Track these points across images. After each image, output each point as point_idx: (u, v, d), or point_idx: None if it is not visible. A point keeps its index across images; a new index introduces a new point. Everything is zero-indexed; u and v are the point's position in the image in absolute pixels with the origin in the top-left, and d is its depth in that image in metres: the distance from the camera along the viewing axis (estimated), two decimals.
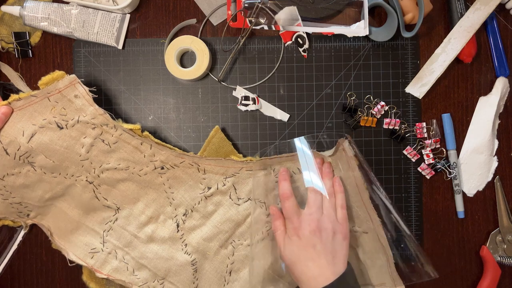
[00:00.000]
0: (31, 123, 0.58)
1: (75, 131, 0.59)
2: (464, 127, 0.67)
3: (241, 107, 0.65)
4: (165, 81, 0.66)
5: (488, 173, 0.67)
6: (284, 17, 0.63)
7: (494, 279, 0.65)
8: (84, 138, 0.60)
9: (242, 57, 0.66)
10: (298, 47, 0.66)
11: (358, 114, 0.66)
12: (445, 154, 0.67)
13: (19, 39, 0.65)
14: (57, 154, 0.59)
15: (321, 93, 0.66)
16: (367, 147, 0.66)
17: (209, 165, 0.62)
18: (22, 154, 0.58)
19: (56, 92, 0.58)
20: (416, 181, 0.67)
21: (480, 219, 0.67)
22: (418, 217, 0.67)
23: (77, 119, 0.59)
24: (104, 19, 0.64)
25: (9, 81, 0.65)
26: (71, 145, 0.59)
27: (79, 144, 0.60)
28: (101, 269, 0.62)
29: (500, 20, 0.67)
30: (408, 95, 0.66)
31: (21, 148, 0.58)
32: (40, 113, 0.58)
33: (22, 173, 0.59)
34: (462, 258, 0.67)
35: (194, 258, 0.62)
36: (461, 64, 0.67)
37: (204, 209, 0.63)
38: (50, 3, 0.63)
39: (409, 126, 0.66)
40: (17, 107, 0.57)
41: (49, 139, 0.58)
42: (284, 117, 0.66)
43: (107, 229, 0.62)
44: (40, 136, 0.58)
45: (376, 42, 0.66)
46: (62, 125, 0.58)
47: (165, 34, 0.66)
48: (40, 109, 0.58)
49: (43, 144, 0.58)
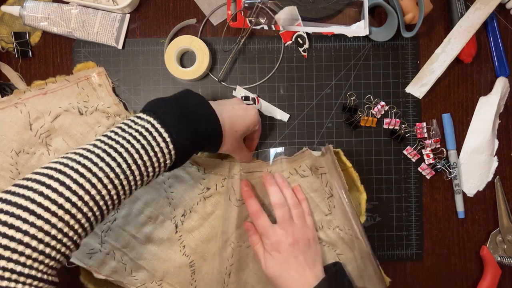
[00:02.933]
0: (58, 105, 0.61)
1: (92, 119, 0.62)
2: (464, 127, 0.67)
3: None
4: (165, 81, 0.66)
5: (488, 173, 0.67)
6: (284, 17, 0.63)
7: (494, 279, 0.65)
8: (98, 126, 0.62)
9: (242, 57, 0.66)
10: (298, 47, 0.66)
11: (358, 114, 0.66)
12: (445, 154, 0.67)
13: (19, 39, 0.65)
14: (73, 139, 0.61)
15: (321, 93, 0.66)
16: (367, 147, 0.66)
17: (208, 165, 0.62)
18: (43, 132, 0.60)
19: (84, 78, 0.63)
20: (416, 181, 0.67)
21: (480, 219, 0.67)
22: (418, 217, 0.67)
23: (95, 107, 0.62)
24: (104, 19, 0.64)
25: (9, 81, 0.65)
26: (86, 132, 0.62)
27: (93, 132, 0.62)
28: (100, 270, 0.62)
29: (500, 20, 0.67)
30: (408, 95, 0.66)
31: (44, 125, 0.60)
32: (68, 97, 0.62)
33: (36, 154, 0.60)
34: (462, 258, 0.67)
35: (192, 260, 0.62)
36: (461, 64, 0.67)
37: (203, 209, 0.63)
38: (50, 3, 0.63)
39: (409, 126, 0.66)
40: (51, 90, 0.62)
41: (70, 123, 0.61)
42: (284, 117, 0.66)
43: (105, 229, 0.62)
44: (64, 118, 0.61)
45: (376, 42, 0.66)
46: (82, 111, 0.62)
47: (165, 34, 0.66)
48: (68, 94, 0.62)
49: (64, 126, 0.61)
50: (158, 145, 0.45)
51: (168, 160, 0.47)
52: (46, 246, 0.38)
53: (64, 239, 0.39)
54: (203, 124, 0.49)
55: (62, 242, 0.39)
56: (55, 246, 0.39)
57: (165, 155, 0.46)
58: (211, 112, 0.51)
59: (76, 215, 0.40)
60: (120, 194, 0.44)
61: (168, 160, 0.47)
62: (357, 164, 0.66)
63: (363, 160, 0.66)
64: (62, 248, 0.40)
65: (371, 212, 0.66)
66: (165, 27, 0.66)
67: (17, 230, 0.37)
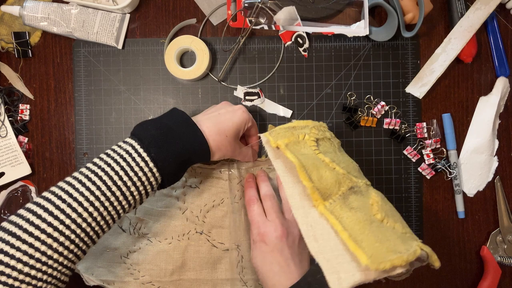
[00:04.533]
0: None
1: (167, 188, 0.62)
2: (465, 127, 0.67)
3: (247, 103, 0.65)
4: (165, 81, 0.66)
5: (488, 173, 0.67)
6: (284, 17, 0.63)
7: (495, 280, 0.65)
8: (174, 191, 0.63)
9: (242, 57, 0.66)
10: (298, 47, 0.66)
11: (358, 114, 0.66)
12: (446, 154, 0.66)
13: (18, 39, 0.65)
14: (161, 215, 0.62)
15: (321, 93, 0.66)
16: (367, 147, 0.66)
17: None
18: (134, 227, 0.61)
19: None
20: (417, 181, 0.67)
21: (481, 219, 0.67)
22: (418, 217, 0.67)
23: None
24: (104, 19, 0.64)
25: (9, 82, 0.65)
26: (167, 202, 0.62)
27: (173, 198, 0.62)
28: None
29: (501, 20, 0.67)
30: (408, 95, 0.66)
31: (131, 221, 0.61)
32: None
33: (141, 248, 0.61)
34: (463, 258, 0.67)
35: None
36: (461, 64, 0.67)
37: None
38: (49, 3, 0.63)
39: (409, 126, 0.66)
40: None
41: (149, 204, 0.62)
42: (287, 113, 0.66)
43: (240, 271, 0.62)
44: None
45: (376, 42, 0.66)
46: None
47: (165, 34, 0.66)
48: None
49: (147, 210, 0.61)
50: (138, 165, 0.48)
51: (152, 179, 0.49)
52: (32, 269, 0.42)
53: (49, 262, 0.43)
54: (184, 140, 0.51)
55: (47, 265, 0.43)
56: (40, 268, 0.43)
57: (147, 174, 0.48)
58: (192, 128, 0.52)
59: (58, 238, 0.43)
60: (104, 215, 0.46)
61: (152, 179, 0.49)
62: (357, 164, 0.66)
63: (363, 160, 0.66)
64: (54, 272, 0.44)
65: None
66: (165, 27, 0.66)
67: (6, 254, 0.42)
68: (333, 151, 0.54)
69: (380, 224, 0.46)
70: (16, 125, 0.65)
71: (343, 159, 0.54)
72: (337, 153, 0.55)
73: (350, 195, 0.49)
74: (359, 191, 0.50)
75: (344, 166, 0.52)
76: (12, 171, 0.65)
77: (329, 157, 0.51)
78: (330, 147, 0.55)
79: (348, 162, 0.54)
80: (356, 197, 0.49)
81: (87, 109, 0.66)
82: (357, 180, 0.50)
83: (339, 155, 0.54)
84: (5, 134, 0.65)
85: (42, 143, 0.66)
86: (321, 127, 0.57)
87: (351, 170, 0.53)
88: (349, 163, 0.54)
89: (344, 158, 0.55)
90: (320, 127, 0.56)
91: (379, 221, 0.46)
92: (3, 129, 0.65)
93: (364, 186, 0.51)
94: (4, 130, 0.65)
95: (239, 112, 0.56)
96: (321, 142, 0.55)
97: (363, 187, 0.51)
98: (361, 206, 0.48)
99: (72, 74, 0.66)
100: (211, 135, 0.53)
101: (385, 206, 0.49)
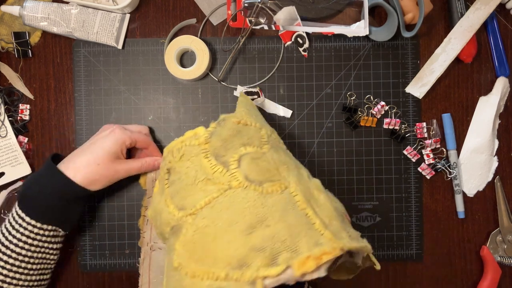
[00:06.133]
0: None
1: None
2: (464, 127, 0.67)
3: None
4: (165, 81, 0.66)
5: (488, 173, 0.67)
6: (284, 17, 0.63)
7: (495, 280, 0.65)
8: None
9: (242, 57, 0.66)
10: (298, 47, 0.66)
11: (358, 114, 0.66)
12: (445, 154, 0.67)
13: (18, 39, 0.65)
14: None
15: (321, 93, 0.66)
16: (367, 147, 0.66)
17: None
18: (147, 242, 0.62)
19: None
20: (416, 181, 0.67)
21: (481, 219, 0.67)
22: (418, 217, 0.67)
23: None
24: (104, 19, 0.64)
25: (9, 82, 0.65)
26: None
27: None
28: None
29: (501, 20, 0.67)
30: (408, 95, 0.66)
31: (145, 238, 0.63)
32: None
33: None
34: (462, 258, 0.67)
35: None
36: (461, 64, 0.67)
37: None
38: (49, 3, 0.63)
39: (409, 126, 0.66)
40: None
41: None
42: (287, 113, 0.66)
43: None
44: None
45: (376, 42, 0.66)
46: None
47: (165, 34, 0.66)
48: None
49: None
50: (17, 222, 0.54)
51: (36, 230, 0.54)
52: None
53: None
54: (50, 189, 0.55)
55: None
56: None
57: (26, 228, 0.54)
58: (55, 173, 0.55)
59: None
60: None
61: (35, 230, 0.54)
62: (357, 164, 0.66)
63: (363, 160, 0.66)
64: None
65: (371, 212, 0.66)
66: (165, 27, 0.66)
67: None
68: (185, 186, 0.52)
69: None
70: (16, 125, 0.66)
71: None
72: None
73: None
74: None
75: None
76: (12, 171, 0.65)
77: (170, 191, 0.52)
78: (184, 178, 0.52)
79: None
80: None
81: (87, 109, 0.66)
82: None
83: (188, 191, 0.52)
84: (5, 134, 0.65)
85: (42, 143, 0.66)
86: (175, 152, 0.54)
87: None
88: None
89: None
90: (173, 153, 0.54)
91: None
92: (3, 129, 0.65)
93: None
94: (4, 130, 0.65)
95: (111, 136, 0.57)
96: (172, 170, 0.54)
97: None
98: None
99: (72, 74, 0.66)
100: (80, 170, 0.55)
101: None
